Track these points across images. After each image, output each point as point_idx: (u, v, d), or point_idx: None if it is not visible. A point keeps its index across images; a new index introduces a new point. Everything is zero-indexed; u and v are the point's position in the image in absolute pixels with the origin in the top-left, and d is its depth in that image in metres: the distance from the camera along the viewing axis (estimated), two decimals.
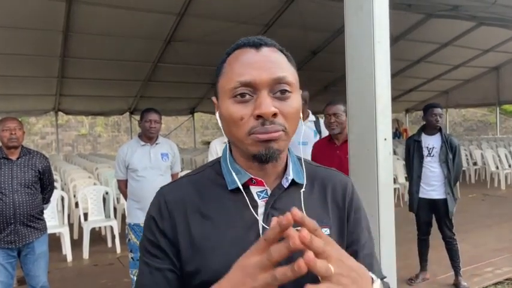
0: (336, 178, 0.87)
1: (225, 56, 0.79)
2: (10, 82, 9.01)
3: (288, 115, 0.73)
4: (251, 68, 0.72)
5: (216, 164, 0.84)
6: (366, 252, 0.83)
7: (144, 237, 0.80)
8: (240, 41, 0.79)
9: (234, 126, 0.73)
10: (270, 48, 0.76)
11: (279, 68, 0.74)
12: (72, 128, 19.66)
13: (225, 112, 0.74)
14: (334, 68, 8.39)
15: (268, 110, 0.70)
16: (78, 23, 7.21)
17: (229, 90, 0.73)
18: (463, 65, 12.80)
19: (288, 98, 0.73)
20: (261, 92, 0.71)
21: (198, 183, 0.81)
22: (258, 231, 0.75)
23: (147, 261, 0.77)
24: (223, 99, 0.75)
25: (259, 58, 0.74)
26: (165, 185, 0.85)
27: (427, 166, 3.70)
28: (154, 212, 0.79)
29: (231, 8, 7.36)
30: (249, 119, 0.72)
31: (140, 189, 3.28)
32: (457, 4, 6.91)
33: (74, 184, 6.16)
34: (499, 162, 9.43)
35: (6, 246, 2.83)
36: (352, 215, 0.84)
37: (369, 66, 2.07)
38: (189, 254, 0.75)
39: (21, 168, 2.89)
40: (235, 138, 0.75)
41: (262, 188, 0.78)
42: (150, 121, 3.31)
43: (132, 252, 3.29)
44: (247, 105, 0.72)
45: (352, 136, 2.24)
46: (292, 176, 0.80)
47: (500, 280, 3.88)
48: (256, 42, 0.76)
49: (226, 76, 0.75)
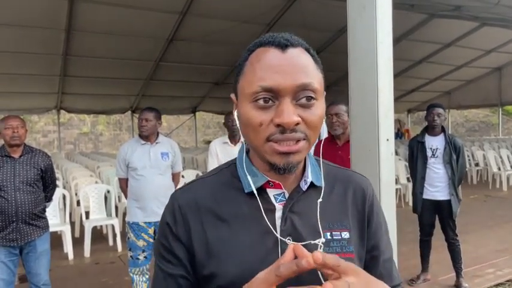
0: (356, 180, 0.84)
1: (246, 53, 0.74)
2: (12, 80, 9.03)
3: (311, 123, 0.69)
4: (274, 72, 0.67)
5: (232, 165, 0.81)
6: (385, 258, 0.82)
7: (158, 243, 0.78)
8: (263, 38, 0.73)
9: (252, 131, 0.70)
10: (296, 49, 0.70)
11: (305, 73, 0.69)
12: (74, 126, 19.68)
13: (244, 116, 0.71)
14: (337, 67, 8.35)
15: (290, 119, 0.66)
16: (81, 21, 7.22)
17: (249, 94, 0.69)
18: (465, 66, 12.76)
19: (312, 106, 0.69)
20: (284, 99, 0.67)
21: (213, 185, 0.79)
22: (275, 236, 0.72)
23: (161, 266, 0.77)
24: (242, 102, 0.72)
25: (284, 61, 0.68)
26: (178, 188, 0.83)
27: (431, 167, 3.68)
28: (168, 218, 0.77)
29: (233, 8, 7.35)
30: (268, 126, 0.68)
31: (139, 188, 3.28)
32: (460, 4, 6.89)
33: (76, 182, 6.16)
34: (501, 164, 9.40)
35: (8, 244, 2.83)
36: (373, 219, 0.82)
37: (372, 66, 2.07)
38: (205, 258, 0.73)
39: (23, 167, 2.90)
40: (252, 143, 0.72)
41: (280, 190, 0.76)
42: (141, 119, 3.33)
43: (131, 250, 3.30)
44: (267, 111, 0.68)
45: (354, 136, 2.24)
46: (311, 178, 0.77)
47: (501, 281, 3.87)
48: (282, 42, 0.70)
49: (247, 77, 0.71)
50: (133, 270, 3.29)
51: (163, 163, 3.36)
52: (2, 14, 6.58)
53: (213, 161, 3.66)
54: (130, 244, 3.31)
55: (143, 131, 3.32)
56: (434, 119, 3.65)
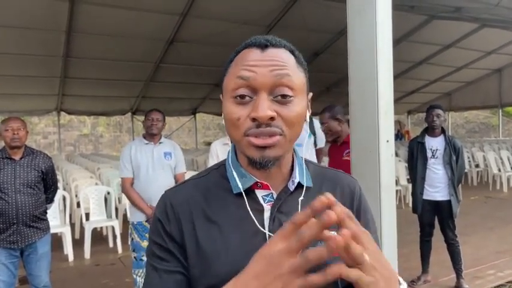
0: (344, 180, 0.85)
1: (233, 54, 0.77)
2: (13, 82, 9.04)
3: (287, 119, 0.70)
4: (252, 66, 0.70)
5: (221, 167, 0.83)
6: None
7: (151, 241, 0.78)
8: (248, 40, 0.76)
9: (231, 127, 0.73)
10: (276, 49, 0.73)
11: (282, 70, 0.70)
12: (74, 128, 19.70)
13: (225, 112, 0.74)
14: (337, 69, 8.37)
15: (264, 113, 0.68)
16: (81, 23, 7.23)
17: (230, 90, 0.72)
18: (465, 67, 12.77)
19: (289, 103, 0.71)
20: (260, 94, 0.69)
21: (203, 186, 0.80)
22: (264, 236, 0.73)
23: (156, 265, 0.75)
24: (225, 99, 0.75)
25: (263, 58, 0.71)
26: (170, 188, 0.84)
27: (431, 168, 3.69)
28: (160, 215, 0.77)
29: (234, 9, 7.37)
30: (245, 120, 0.70)
31: (143, 187, 3.30)
32: (460, 6, 6.90)
33: (76, 184, 6.17)
34: (501, 165, 9.40)
35: (9, 246, 2.83)
36: (360, 218, 0.82)
37: (372, 68, 2.07)
38: (195, 257, 0.74)
39: (24, 168, 2.89)
40: (233, 139, 0.75)
41: (267, 191, 0.76)
42: (151, 119, 3.39)
43: (135, 251, 3.30)
44: (245, 107, 0.71)
45: (354, 138, 2.24)
46: (298, 178, 0.78)
47: (502, 283, 3.86)
48: (262, 42, 0.73)
49: (229, 76, 0.75)
50: (136, 272, 3.28)
51: (166, 162, 3.40)
52: (3, 15, 6.59)
53: (214, 162, 3.66)
54: (134, 245, 3.31)
55: (153, 129, 3.38)
56: (433, 120, 3.67)
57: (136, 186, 3.34)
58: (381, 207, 2.07)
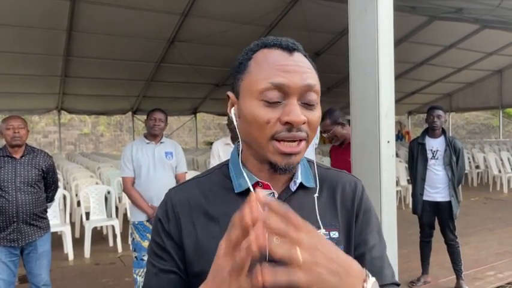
0: (345, 180, 0.85)
1: (249, 52, 0.76)
2: (14, 80, 9.06)
3: (312, 123, 0.72)
4: (283, 71, 0.70)
5: (224, 166, 0.84)
6: (374, 255, 0.80)
7: (151, 240, 0.81)
8: (267, 40, 0.75)
9: (257, 129, 0.71)
10: (301, 54, 0.75)
11: (310, 75, 0.72)
12: (75, 127, 19.70)
13: (249, 113, 0.72)
14: (338, 69, 8.37)
15: (299, 118, 0.69)
16: (82, 22, 7.24)
17: (257, 91, 0.71)
18: (466, 68, 12.78)
19: (314, 108, 0.73)
20: (291, 98, 0.70)
21: (205, 185, 0.81)
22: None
23: (153, 262, 0.78)
24: (247, 99, 0.73)
25: (292, 62, 0.72)
26: (172, 187, 0.85)
27: (431, 169, 3.69)
28: (161, 214, 0.79)
29: (234, 9, 7.37)
30: (275, 124, 0.70)
31: (144, 187, 3.30)
32: (461, 7, 6.90)
33: (76, 183, 6.17)
34: (501, 166, 9.39)
35: (9, 244, 2.83)
36: (361, 216, 0.82)
37: (373, 68, 2.07)
38: (195, 255, 0.75)
39: (24, 167, 2.89)
40: (254, 141, 0.74)
41: (268, 191, 0.77)
42: (154, 119, 3.39)
43: (135, 251, 3.30)
44: (275, 110, 0.70)
45: (354, 138, 2.24)
46: (300, 179, 0.79)
47: (502, 284, 3.86)
48: (290, 46, 0.73)
49: (253, 75, 0.73)
50: (137, 271, 3.28)
51: (167, 162, 3.40)
52: (3, 14, 6.60)
53: (215, 162, 3.66)
54: (135, 245, 3.31)
55: (156, 129, 3.38)
56: (434, 121, 3.67)
57: (137, 185, 3.33)
58: (381, 207, 2.08)
